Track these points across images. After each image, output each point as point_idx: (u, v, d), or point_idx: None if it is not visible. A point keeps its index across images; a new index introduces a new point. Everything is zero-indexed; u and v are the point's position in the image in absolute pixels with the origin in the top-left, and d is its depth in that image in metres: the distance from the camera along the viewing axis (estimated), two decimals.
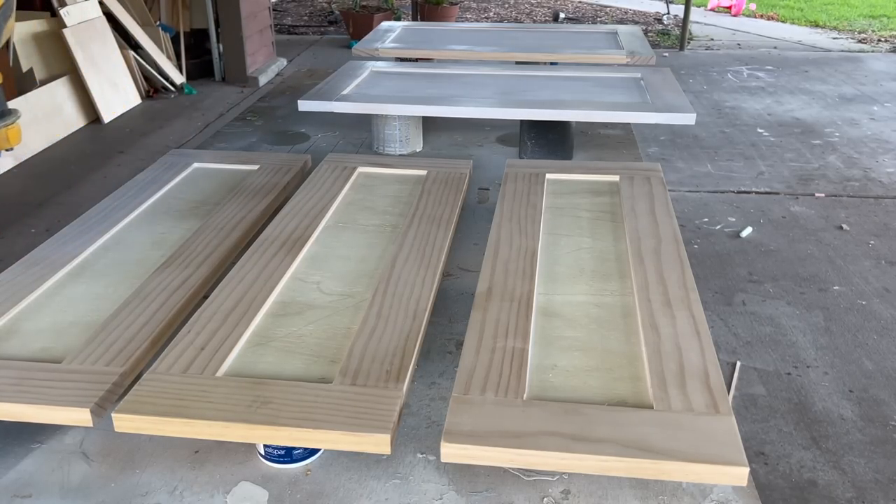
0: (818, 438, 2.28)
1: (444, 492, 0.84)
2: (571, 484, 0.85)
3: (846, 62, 6.95)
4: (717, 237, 3.57)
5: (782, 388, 2.51)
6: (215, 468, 0.88)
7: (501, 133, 2.01)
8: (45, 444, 0.92)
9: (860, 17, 9.04)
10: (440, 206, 1.31)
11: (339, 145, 1.92)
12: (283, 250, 1.17)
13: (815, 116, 5.35)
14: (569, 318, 1.00)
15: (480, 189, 1.63)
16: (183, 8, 5.92)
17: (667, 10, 8.93)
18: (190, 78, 5.82)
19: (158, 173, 1.50)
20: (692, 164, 4.48)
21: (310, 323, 1.00)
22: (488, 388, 0.84)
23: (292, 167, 1.52)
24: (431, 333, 1.10)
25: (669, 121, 1.67)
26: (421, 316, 0.99)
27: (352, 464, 0.88)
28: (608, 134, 1.99)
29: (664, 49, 7.46)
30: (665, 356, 0.90)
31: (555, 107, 1.72)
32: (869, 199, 3.99)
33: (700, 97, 5.80)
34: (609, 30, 2.57)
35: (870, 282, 3.17)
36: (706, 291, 3.07)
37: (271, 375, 0.89)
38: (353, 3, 7.78)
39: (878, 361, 2.64)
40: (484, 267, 1.11)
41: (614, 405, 0.83)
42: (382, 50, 2.26)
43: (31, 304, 1.06)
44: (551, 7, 9.64)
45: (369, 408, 0.81)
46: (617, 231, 1.24)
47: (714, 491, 0.83)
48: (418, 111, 1.77)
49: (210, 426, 0.80)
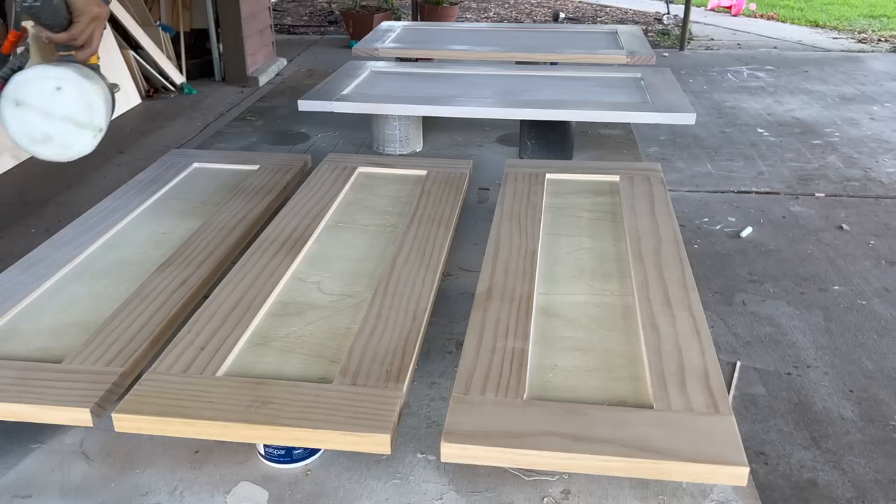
0: (818, 438, 2.28)
1: (444, 492, 0.84)
2: (571, 484, 0.85)
3: (846, 62, 6.96)
4: (717, 237, 3.57)
5: (782, 388, 2.51)
6: (215, 468, 0.88)
7: (501, 133, 2.01)
8: (45, 444, 0.92)
9: (860, 17, 9.05)
10: (440, 206, 1.31)
11: (339, 145, 1.92)
12: (283, 250, 1.17)
13: (815, 116, 5.35)
14: (569, 318, 1.00)
15: (480, 189, 1.63)
16: (183, 8, 5.93)
17: (667, 10, 8.93)
18: (190, 78, 5.82)
19: (159, 173, 1.50)
20: (692, 164, 4.48)
21: (310, 323, 1.00)
22: (488, 388, 0.84)
23: (292, 167, 1.52)
24: (431, 333, 1.10)
25: (669, 121, 1.67)
26: (421, 316, 0.99)
27: (352, 464, 0.88)
28: (608, 134, 1.99)
29: (664, 49, 7.46)
30: (665, 356, 0.90)
31: (555, 107, 1.71)
32: (869, 199, 3.99)
33: (700, 97, 5.80)
34: (609, 30, 2.57)
35: (870, 282, 3.17)
36: (706, 291, 3.07)
37: (271, 375, 0.89)
38: (353, 3, 7.78)
39: (878, 361, 2.65)
40: (484, 267, 1.11)
41: (614, 405, 0.83)
42: (382, 50, 2.26)
43: (30, 304, 1.06)
44: (551, 7, 9.64)
45: (369, 408, 0.81)
46: (617, 231, 1.24)
47: (714, 491, 0.83)
48: (418, 111, 1.77)
49: (210, 426, 0.80)
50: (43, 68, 1.07)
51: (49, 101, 1.08)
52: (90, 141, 1.11)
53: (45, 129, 1.09)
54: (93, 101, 1.10)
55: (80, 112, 1.09)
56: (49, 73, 1.07)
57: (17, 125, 1.08)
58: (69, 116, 1.08)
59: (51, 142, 1.10)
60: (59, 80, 1.07)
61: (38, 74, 1.07)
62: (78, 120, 1.09)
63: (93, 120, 1.10)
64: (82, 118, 1.09)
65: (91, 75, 1.12)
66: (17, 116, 1.07)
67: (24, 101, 1.07)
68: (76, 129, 1.10)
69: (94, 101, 1.10)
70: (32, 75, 1.07)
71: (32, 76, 1.07)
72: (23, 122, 1.08)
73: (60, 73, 1.08)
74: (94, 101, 1.10)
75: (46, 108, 1.08)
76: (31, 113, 1.07)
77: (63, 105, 1.08)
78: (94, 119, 1.10)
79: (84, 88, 1.09)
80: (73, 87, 1.08)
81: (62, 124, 1.09)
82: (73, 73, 1.08)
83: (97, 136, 1.11)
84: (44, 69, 1.07)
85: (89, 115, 1.10)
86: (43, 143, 1.10)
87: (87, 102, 1.09)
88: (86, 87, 1.09)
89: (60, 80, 1.07)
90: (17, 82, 1.07)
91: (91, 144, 1.12)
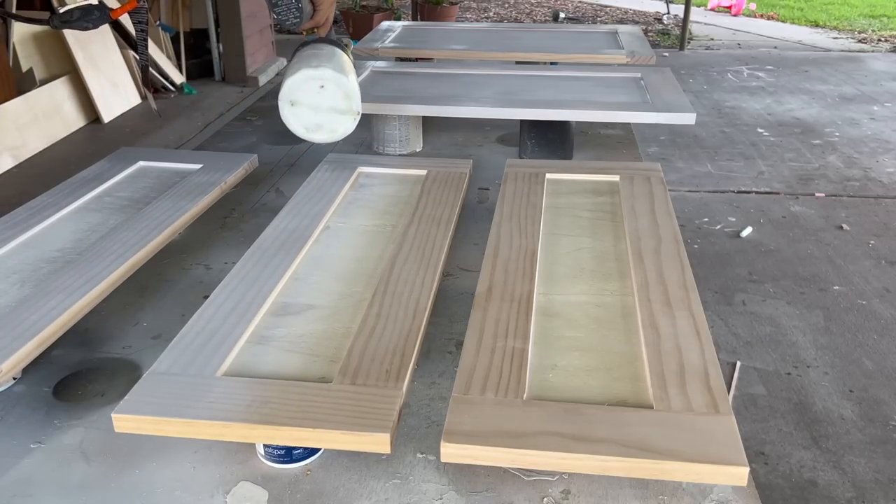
0: (818, 438, 2.28)
1: (444, 492, 0.84)
2: (571, 484, 0.85)
3: (846, 62, 6.95)
4: (717, 237, 3.57)
5: (782, 388, 2.51)
6: (215, 468, 0.88)
7: (501, 133, 2.01)
8: (45, 444, 0.92)
9: (860, 16, 9.04)
10: (440, 206, 1.31)
11: (339, 145, 1.92)
12: (283, 250, 1.17)
13: (815, 116, 5.35)
14: (569, 318, 1.00)
15: (480, 189, 1.63)
16: (183, 8, 5.92)
17: (667, 10, 8.93)
18: (190, 78, 5.82)
19: (102, 171, 1.49)
20: (692, 163, 4.48)
21: (310, 323, 1.00)
22: (488, 388, 0.84)
23: (234, 168, 1.51)
24: (431, 333, 1.10)
25: (669, 121, 1.67)
26: (421, 316, 0.99)
27: (352, 464, 0.88)
28: (608, 134, 1.99)
29: (664, 49, 7.46)
30: (665, 356, 0.90)
31: (555, 107, 1.71)
32: (869, 199, 3.99)
33: (700, 97, 5.80)
34: (609, 30, 2.57)
35: (870, 282, 3.17)
36: (706, 291, 3.07)
37: (271, 375, 0.89)
38: (353, 3, 7.78)
39: (878, 361, 2.64)
40: (484, 267, 1.10)
41: (614, 405, 0.83)
42: (382, 50, 2.26)
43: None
44: (551, 7, 9.64)
45: (369, 407, 0.81)
46: (617, 231, 1.24)
47: (714, 491, 0.83)
48: (418, 111, 1.77)
49: (210, 426, 0.80)
50: (307, 72, 1.29)
51: (316, 97, 1.31)
52: (351, 124, 1.34)
53: (316, 120, 1.33)
54: (350, 91, 1.32)
55: (341, 102, 1.32)
56: (313, 75, 1.29)
57: (294, 120, 1.34)
58: (333, 107, 1.32)
59: (321, 129, 1.34)
60: (322, 79, 1.30)
61: (306, 77, 1.29)
62: (340, 108, 1.32)
63: (352, 106, 1.32)
64: (343, 106, 1.32)
65: (344, 68, 1.33)
66: (293, 113, 1.33)
67: (297, 100, 1.31)
68: (339, 116, 1.33)
69: (350, 91, 1.32)
70: (301, 78, 1.29)
71: (301, 79, 1.29)
72: (298, 117, 1.33)
73: (322, 74, 1.29)
74: (351, 91, 1.32)
75: (315, 103, 1.32)
76: (303, 109, 1.32)
77: (327, 99, 1.31)
78: (353, 105, 1.33)
79: (342, 83, 1.30)
80: (333, 83, 1.30)
81: (329, 114, 1.33)
82: (332, 72, 1.30)
83: (356, 118, 1.34)
84: (308, 72, 1.29)
85: (348, 103, 1.32)
86: (316, 130, 1.34)
87: (345, 93, 1.31)
88: (343, 82, 1.30)
89: (323, 80, 1.30)
90: (289, 86, 1.30)
91: (352, 126, 1.35)
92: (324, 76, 1.30)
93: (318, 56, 1.33)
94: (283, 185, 1.67)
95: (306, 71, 1.30)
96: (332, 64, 1.32)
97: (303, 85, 1.31)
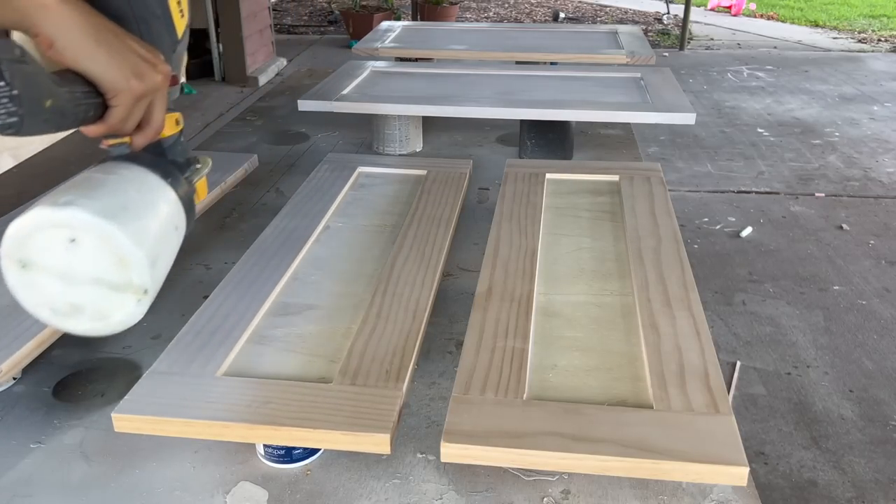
0: (818, 438, 2.28)
1: (444, 492, 0.84)
2: (571, 484, 0.85)
3: (846, 62, 6.96)
4: (717, 237, 3.57)
5: (782, 388, 2.51)
6: (215, 468, 0.88)
7: (501, 133, 2.01)
8: (45, 444, 0.92)
9: (860, 16, 9.05)
10: (440, 206, 1.31)
11: (339, 145, 1.92)
12: (282, 250, 1.17)
13: (815, 116, 5.35)
14: (569, 318, 1.00)
15: (480, 189, 1.63)
16: None
17: (667, 10, 8.94)
18: (189, 78, 5.82)
19: None
20: (692, 163, 4.48)
21: (309, 323, 1.00)
22: (488, 388, 0.84)
23: (235, 167, 1.50)
24: (431, 333, 1.10)
25: (669, 121, 1.67)
26: (421, 316, 0.99)
27: (352, 464, 0.88)
28: (608, 134, 1.99)
29: (664, 49, 7.46)
30: (665, 356, 0.89)
31: (555, 107, 1.71)
32: (869, 199, 3.99)
33: (700, 97, 5.80)
34: (609, 29, 2.57)
35: (870, 282, 3.17)
36: (706, 291, 3.08)
37: (271, 375, 0.89)
38: (353, 3, 7.78)
39: (878, 361, 2.65)
40: (484, 267, 1.10)
41: (614, 405, 0.83)
42: (382, 50, 2.26)
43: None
44: (551, 7, 9.64)
45: (369, 407, 0.81)
46: (617, 231, 1.24)
47: (714, 491, 0.83)
48: (418, 111, 1.77)
49: (210, 426, 0.80)
50: (46, 213, 0.67)
51: (64, 258, 0.69)
52: (134, 308, 0.73)
53: (68, 298, 0.71)
54: (125, 252, 0.69)
55: (111, 270, 0.70)
56: (54, 218, 0.67)
57: (30, 295, 0.71)
58: (97, 277, 0.70)
59: (80, 313, 0.72)
60: (70, 227, 0.68)
61: (40, 222, 0.68)
62: (110, 281, 0.71)
63: (131, 278, 0.71)
64: (116, 278, 0.71)
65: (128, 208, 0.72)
66: (26, 283, 0.70)
67: (31, 261, 0.69)
68: (111, 294, 0.72)
69: (127, 251, 0.69)
70: (32, 224, 0.68)
71: (32, 226, 0.68)
72: (36, 290, 0.70)
73: (68, 218, 0.67)
74: (128, 251, 0.70)
75: (63, 269, 0.70)
76: (43, 277, 0.70)
77: (85, 262, 0.69)
78: (134, 277, 0.71)
79: (108, 235, 0.68)
80: (90, 235, 0.68)
81: (91, 289, 0.71)
82: (90, 216, 0.68)
83: (143, 299, 0.73)
84: (46, 214, 0.67)
85: (124, 272, 0.70)
86: (71, 315, 0.72)
87: (117, 256, 0.69)
88: (110, 233, 0.68)
89: (71, 228, 0.68)
90: (13, 236, 0.68)
91: (136, 311, 0.74)
92: (74, 222, 0.67)
93: (84, 185, 0.72)
94: (283, 185, 1.67)
95: (44, 211, 0.67)
96: (100, 201, 0.70)
97: (38, 235, 0.68)
